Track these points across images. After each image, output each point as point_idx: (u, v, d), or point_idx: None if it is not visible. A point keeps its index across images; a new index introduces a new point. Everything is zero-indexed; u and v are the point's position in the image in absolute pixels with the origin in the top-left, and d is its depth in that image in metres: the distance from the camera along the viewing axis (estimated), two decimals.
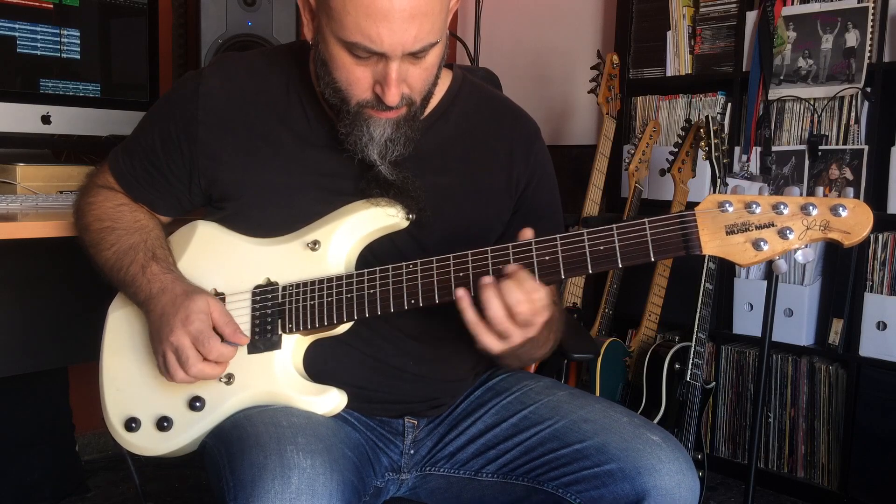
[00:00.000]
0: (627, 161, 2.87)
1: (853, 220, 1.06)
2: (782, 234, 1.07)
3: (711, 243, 1.10)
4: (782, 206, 1.08)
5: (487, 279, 1.15)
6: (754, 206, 1.09)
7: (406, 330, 1.35)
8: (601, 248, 1.14)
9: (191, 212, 1.46)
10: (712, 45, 2.95)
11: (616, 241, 1.13)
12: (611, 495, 1.23)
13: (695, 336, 2.47)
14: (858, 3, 2.61)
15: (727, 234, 1.09)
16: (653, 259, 1.12)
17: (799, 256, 1.08)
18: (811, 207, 1.07)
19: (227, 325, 1.28)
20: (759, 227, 1.08)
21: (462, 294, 1.17)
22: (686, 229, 1.11)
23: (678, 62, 3.02)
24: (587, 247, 1.15)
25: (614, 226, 1.14)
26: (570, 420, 1.32)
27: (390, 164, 1.29)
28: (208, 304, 1.28)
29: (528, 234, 1.19)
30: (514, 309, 1.13)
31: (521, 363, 1.37)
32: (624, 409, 1.35)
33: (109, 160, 1.47)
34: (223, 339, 1.27)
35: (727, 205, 1.09)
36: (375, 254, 1.33)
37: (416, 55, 1.20)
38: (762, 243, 1.08)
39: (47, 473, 2.49)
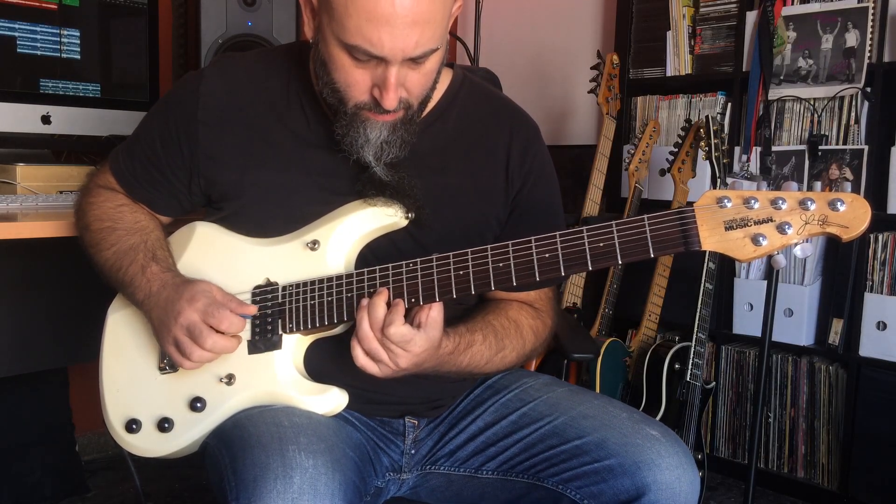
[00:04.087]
0: (627, 161, 2.87)
1: (851, 214, 1.06)
2: (781, 228, 1.07)
3: (710, 239, 1.10)
4: (780, 202, 1.08)
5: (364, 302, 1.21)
6: (753, 201, 1.09)
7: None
8: (601, 244, 1.14)
9: (190, 212, 1.46)
10: (712, 45, 2.95)
11: (615, 238, 1.14)
12: (611, 490, 1.23)
13: (695, 336, 2.47)
14: (858, 3, 2.61)
15: (726, 229, 1.09)
16: (652, 255, 1.12)
17: (798, 251, 1.08)
18: (809, 202, 1.07)
19: (231, 300, 1.29)
20: (757, 223, 1.08)
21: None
22: (685, 225, 1.11)
23: (678, 62, 3.02)
24: (587, 244, 1.15)
25: (613, 223, 1.14)
26: (570, 416, 1.32)
27: (386, 165, 1.30)
28: (210, 286, 1.29)
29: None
30: (374, 325, 1.19)
31: (464, 378, 1.39)
32: (623, 404, 1.35)
33: (110, 160, 1.47)
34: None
35: (726, 200, 1.10)
36: (375, 253, 1.33)
37: (415, 60, 1.20)
38: (761, 238, 1.08)
39: (47, 473, 2.49)
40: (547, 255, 1.16)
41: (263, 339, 1.30)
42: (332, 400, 1.29)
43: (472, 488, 1.39)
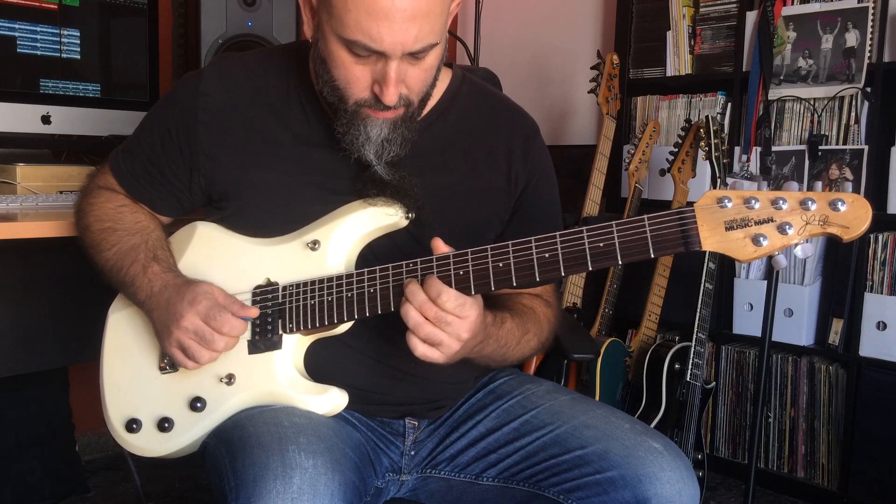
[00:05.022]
0: (627, 161, 2.87)
1: (852, 214, 1.06)
2: (781, 229, 1.07)
3: (711, 239, 1.10)
4: (781, 202, 1.08)
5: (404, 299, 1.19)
6: (753, 201, 1.08)
7: (407, 330, 1.35)
8: (601, 245, 1.14)
9: (191, 212, 1.46)
10: (712, 45, 2.95)
11: (615, 238, 1.13)
12: (612, 502, 1.23)
13: (695, 336, 2.47)
14: (858, 3, 2.61)
15: (726, 229, 1.09)
16: (652, 255, 1.12)
17: (798, 251, 1.08)
18: (810, 202, 1.07)
19: (233, 303, 1.29)
20: (758, 223, 1.08)
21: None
22: (685, 225, 1.11)
23: (678, 62, 3.02)
24: (587, 244, 1.15)
25: (613, 223, 1.14)
26: (572, 426, 1.31)
27: (387, 164, 1.30)
28: (212, 287, 1.29)
29: (441, 248, 1.21)
30: (422, 309, 1.16)
31: (495, 364, 1.38)
32: (626, 415, 1.35)
33: (110, 160, 1.47)
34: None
35: (726, 200, 1.09)
36: (376, 253, 1.33)
37: (415, 55, 1.20)
38: (761, 239, 1.08)
39: (47, 473, 2.49)
40: (547, 255, 1.16)
41: (263, 339, 1.30)
42: (331, 400, 1.29)
43: (472, 494, 1.39)
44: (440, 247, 1.21)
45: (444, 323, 1.17)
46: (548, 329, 1.41)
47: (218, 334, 1.26)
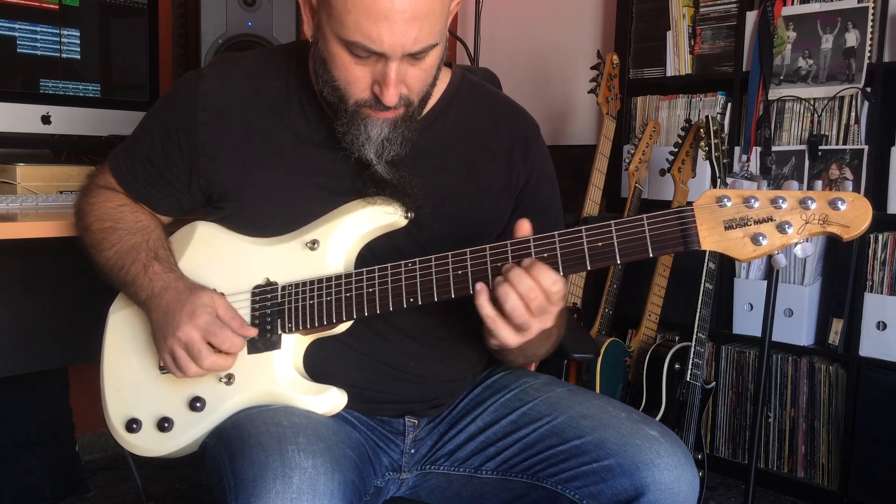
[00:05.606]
0: (627, 161, 2.87)
1: (852, 213, 1.06)
2: (781, 228, 1.07)
3: (710, 238, 1.10)
4: (781, 201, 1.07)
5: (499, 278, 1.14)
6: (753, 200, 1.08)
7: (406, 330, 1.35)
8: (599, 244, 1.14)
9: (191, 212, 1.46)
10: (712, 45, 2.95)
11: (614, 237, 1.13)
12: (610, 491, 1.23)
13: (695, 336, 2.47)
14: (858, 3, 2.61)
15: (726, 228, 1.09)
16: (651, 255, 1.12)
17: (798, 251, 1.08)
18: (810, 201, 1.07)
19: (233, 319, 1.28)
20: (757, 222, 1.08)
21: (480, 288, 1.15)
22: (684, 224, 1.11)
23: (678, 62, 3.02)
24: (585, 243, 1.14)
25: (612, 222, 1.13)
26: (569, 416, 1.32)
27: (387, 163, 1.30)
28: (213, 299, 1.28)
29: (525, 227, 1.18)
30: (526, 297, 1.12)
31: (527, 360, 1.37)
32: (622, 404, 1.35)
33: (110, 160, 1.47)
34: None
35: (725, 200, 1.09)
36: (375, 253, 1.33)
37: (415, 56, 1.20)
38: (761, 238, 1.08)
39: (47, 473, 2.49)
40: (545, 255, 1.16)
41: (263, 339, 1.30)
42: (331, 400, 1.29)
43: (472, 488, 1.39)
44: (524, 226, 1.18)
45: (542, 312, 1.14)
46: (562, 326, 1.40)
47: (206, 352, 1.25)
